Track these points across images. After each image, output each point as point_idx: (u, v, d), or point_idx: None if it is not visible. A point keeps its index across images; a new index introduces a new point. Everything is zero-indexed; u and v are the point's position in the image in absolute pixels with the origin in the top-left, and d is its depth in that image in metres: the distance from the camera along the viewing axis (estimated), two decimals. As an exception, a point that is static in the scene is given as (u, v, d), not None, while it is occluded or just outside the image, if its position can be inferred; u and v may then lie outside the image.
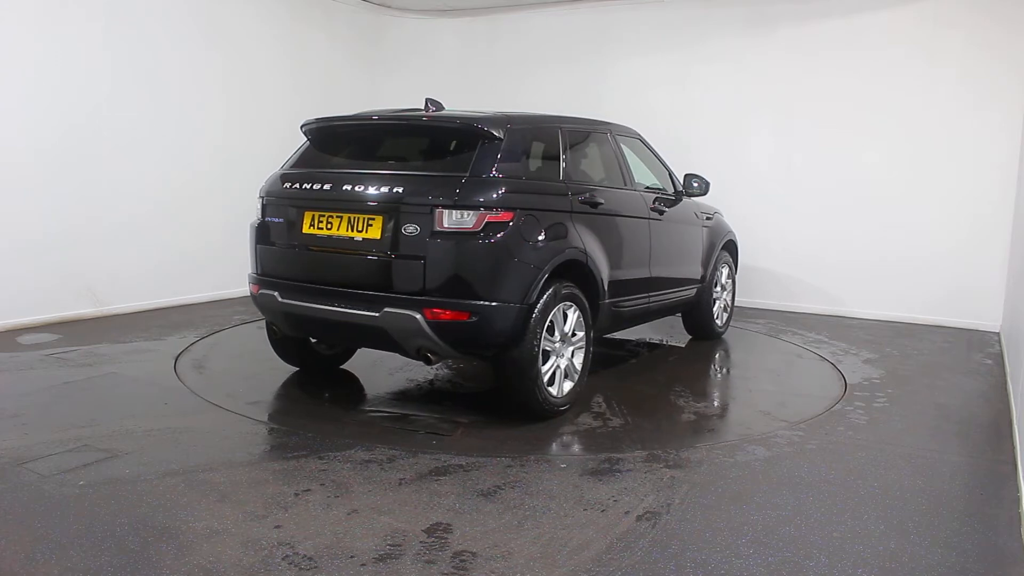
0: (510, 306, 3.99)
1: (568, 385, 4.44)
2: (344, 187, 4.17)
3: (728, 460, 3.81)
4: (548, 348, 4.27)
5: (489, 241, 3.92)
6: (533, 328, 4.08)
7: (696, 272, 6.11)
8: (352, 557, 2.75)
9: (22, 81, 6.01)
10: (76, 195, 6.41)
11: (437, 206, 3.90)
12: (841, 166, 7.69)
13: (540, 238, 4.17)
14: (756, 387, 5.31)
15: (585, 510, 3.19)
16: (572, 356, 4.47)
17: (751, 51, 7.97)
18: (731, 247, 6.74)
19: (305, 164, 4.57)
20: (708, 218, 6.31)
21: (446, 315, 3.90)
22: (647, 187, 5.65)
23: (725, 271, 6.64)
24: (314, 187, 4.28)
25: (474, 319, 3.91)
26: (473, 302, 3.91)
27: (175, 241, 7.17)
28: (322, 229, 4.24)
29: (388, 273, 4.00)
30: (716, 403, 5.00)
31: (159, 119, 6.99)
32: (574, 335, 4.47)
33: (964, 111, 7.14)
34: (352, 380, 5.23)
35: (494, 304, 3.94)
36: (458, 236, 3.90)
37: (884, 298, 7.62)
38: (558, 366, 4.36)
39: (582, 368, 4.53)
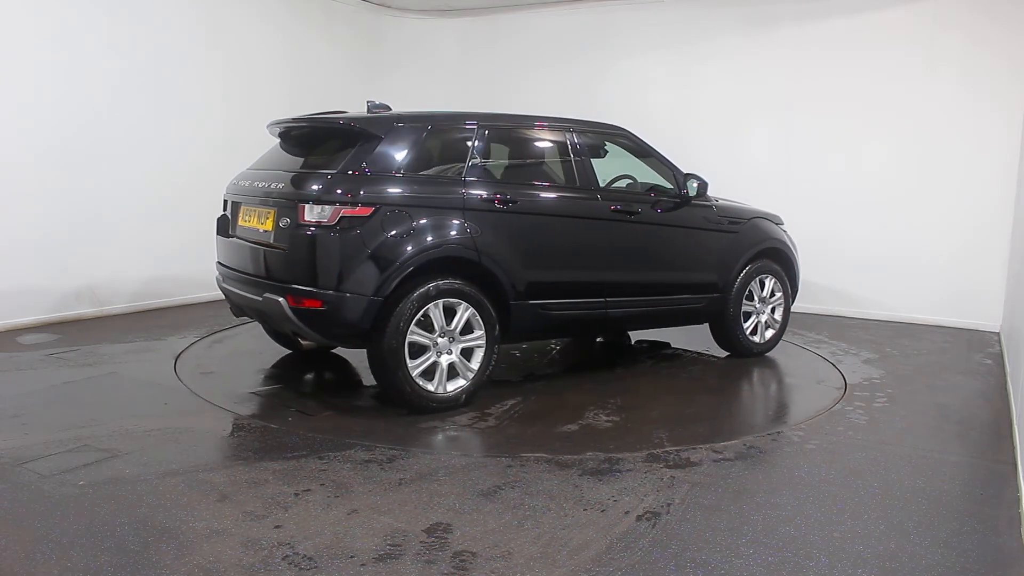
0: (360, 297, 4.17)
1: (459, 383, 4.47)
2: (256, 184, 4.61)
3: (728, 460, 3.81)
4: (424, 343, 4.35)
5: (341, 234, 4.13)
6: (395, 321, 4.22)
7: (707, 280, 5.65)
8: (352, 557, 2.75)
9: (23, 82, 6.01)
10: (76, 195, 6.41)
11: (300, 200, 4.20)
12: (841, 166, 7.68)
13: (406, 233, 4.27)
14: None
15: (585, 510, 3.19)
16: (470, 354, 4.51)
17: (751, 51, 7.97)
18: (776, 255, 6.07)
19: (255, 164, 4.99)
20: (734, 222, 5.78)
21: (304, 302, 4.19)
22: (650, 188, 5.52)
23: (769, 282, 5.99)
24: (245, 184, 4.75)
25: (325, 308, 4.16)
26: (324, 291, 4.15)
27: (175, 241, 7.16)
28: (246, 222, 4.69)
29: (270, 261, 4.40)
30: (623, 416, 4.46)
31: (160, 119, 6.99)
32: (470, 332, 4.49)
33: (964, 111, 7.13)
34: (344, 365, 5.43)
35: (345, 295, 4.16)
36: (315, 229, 4.15)
37: (884, 298, 7.62)
38: (437, 362, 4.40)
39: (480, 367, 4.52)
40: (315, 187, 4.23)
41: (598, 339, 6.57)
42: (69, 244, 6.39)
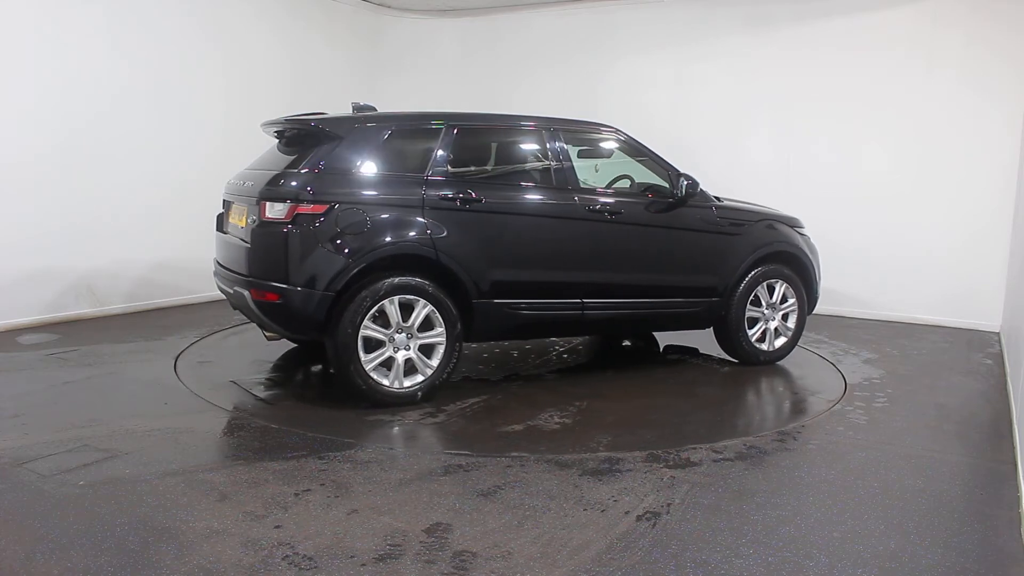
0: (313, 292, 4.30)
1: (416, 379, 4.52)
2: (242, 183, 4.78)
3: (728, 460, 3.81)
4: (379, 338, 4.43)
5: (295, 230, 4.30)
6: (349, 316, 4.33)
7: (704, 283, 5.43)
8: (352, 557, 2.75)
9: (25, 83, 6.01)
10: (76, 195, 6.41)
11: (262, 198, 4.39)
12: (840, 166, 7.68)
13: (360, 230, 4.38)
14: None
15: (585, 510, 3.19)
16: (431, 351, 4.55)
17: (751, 51, 7.97)
18: (788, 260, 5.74)
19: (251, 164, 5.10)
20: (736, 224, 5.53)
21: (265, 296, 4.38)
22: (647, 188, 5.43)
23: (779, 287, 5.68)
24: (236, 183, 4.93)
25: (281, 301, 4.34)
26: (279, 285, 4.33)
27: (176, 241, 7.16)
28: (233, 219, 4.86)
29: (241, 256, 4.57)
30: (577, 419, 4.38)
31: (160, 120, 6.99)
32: (430, 329, 4.54)
33: (964, 111, 7.13)
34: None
35: (298, 289, 4.31)
36: (273, 225, 4.34)
37: (884, 298, 7.62)
38: (393, 357, 4.47)
39: (440, 364, 4.56)
40: (275, 185, 4.41)
41: (624, 342, 6.51)
42: (69, 244, 6.39)
